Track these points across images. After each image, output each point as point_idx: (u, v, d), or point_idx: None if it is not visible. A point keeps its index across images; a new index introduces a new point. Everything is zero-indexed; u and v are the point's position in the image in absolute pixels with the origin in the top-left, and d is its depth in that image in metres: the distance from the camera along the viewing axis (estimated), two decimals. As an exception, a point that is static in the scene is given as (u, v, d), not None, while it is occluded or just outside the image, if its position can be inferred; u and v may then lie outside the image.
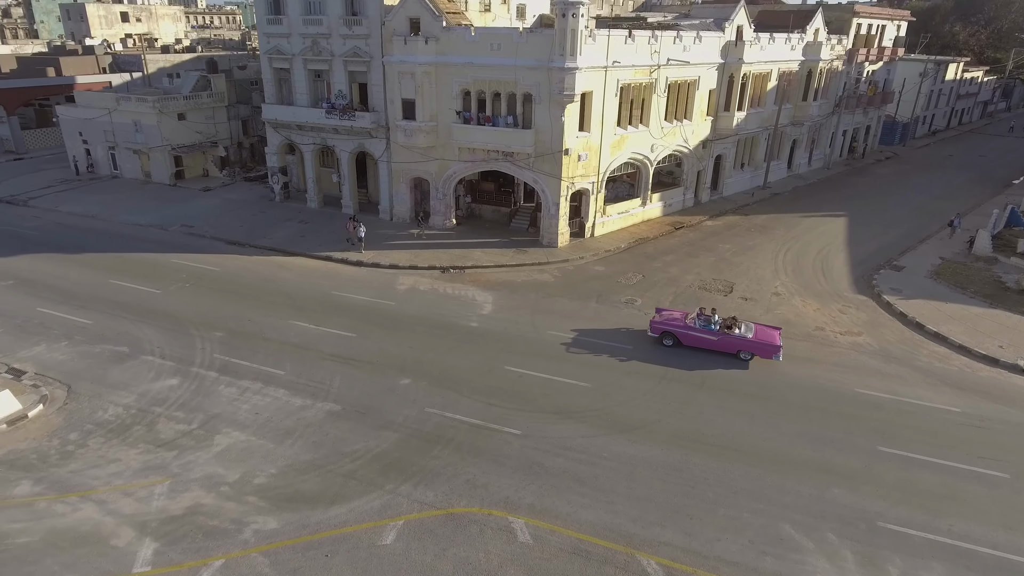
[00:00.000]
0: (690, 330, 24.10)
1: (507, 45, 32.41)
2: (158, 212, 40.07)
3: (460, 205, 39.17)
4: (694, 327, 24.07)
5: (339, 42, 36.07)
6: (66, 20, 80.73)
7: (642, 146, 37.50)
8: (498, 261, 33.14)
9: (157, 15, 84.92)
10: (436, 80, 34.29)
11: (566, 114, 32.34)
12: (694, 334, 24.01)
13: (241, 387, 21.89)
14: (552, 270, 32.44)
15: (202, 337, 25.07)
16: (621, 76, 34.48)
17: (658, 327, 24.62)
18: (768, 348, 23.08)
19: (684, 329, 24.21)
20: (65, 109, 48.14)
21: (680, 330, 24.25)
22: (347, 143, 38.19)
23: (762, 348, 23.17)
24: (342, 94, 37.17)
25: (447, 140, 35.15)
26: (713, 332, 23.76)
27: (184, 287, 29.48)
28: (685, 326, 24.27)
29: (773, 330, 24.18)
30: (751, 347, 23.30)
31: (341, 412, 20.57)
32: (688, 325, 24.24)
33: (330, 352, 24.10)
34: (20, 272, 30.85)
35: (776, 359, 23.15)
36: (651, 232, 37.85)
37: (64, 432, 19.67)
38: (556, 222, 34.77)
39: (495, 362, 23.59)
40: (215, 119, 47.30)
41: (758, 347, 23.21)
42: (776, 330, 24.24)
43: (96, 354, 23.83)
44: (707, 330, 23.86)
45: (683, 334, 24.19)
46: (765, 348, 23.12)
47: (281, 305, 27.86)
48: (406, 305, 28.09)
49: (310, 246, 34.67)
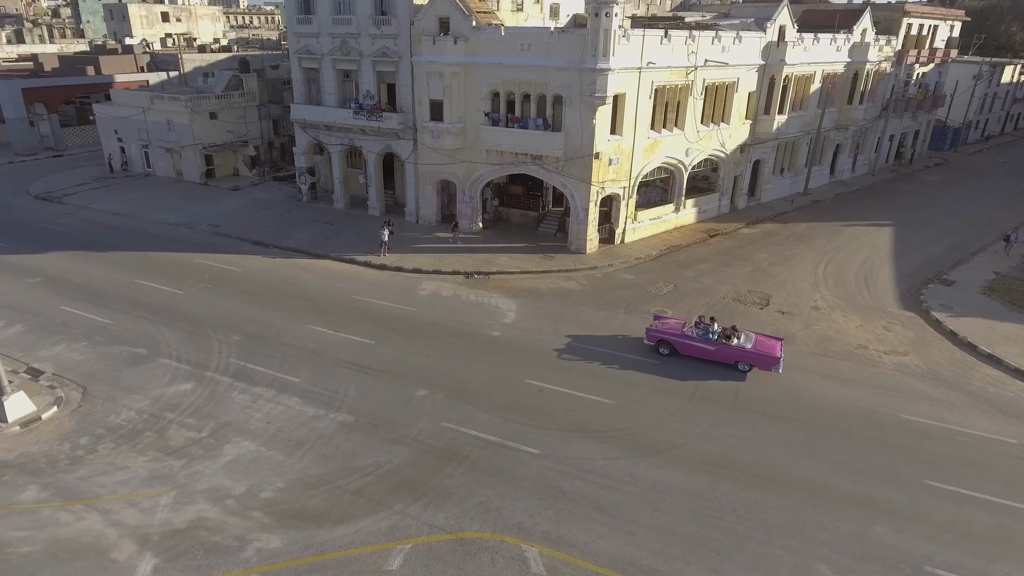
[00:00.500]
0: (687, 339, 23.17)
1: (538, 45, 31.47)
2: (187, 211, 40.17)
3: (487, 208, 38.37)
4: (691, 336, 23.14)
5: (368, 42, 35.58)
6: (109, 20, 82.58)
7: (676, 150, 36.17)
8: (524, 267, 32.21)
9: (196, 15, 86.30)
10: (465, 81, 33.53)
11: (597, 117, 31.25)
12: (691, 343, 23.08)
13: (254, 394, 21.38)
14: (579, 278, 31.37)
15: (220, 340, 24.70)
16: (656, 78, 33.23)
17: (654, 335, 23.75)
18: (767, 360, 22.06)
19: (681, 338, 23.27)
20: (102, 107, 48.81)
21: (677, 339, 23.32)
22: (374, 144, 37.70)
23: (760, 359, 22.15)
24: (370, 94, 36.69)
25: (475, 142, 34.37)
26: (710, 342, 22.80)
27: (206, 288, 29.24)
28: (682, 335, 23.34)
29: (774, 341, 23.13)
30: (749, 358, 22.30)
31: (354, 424, 19.89)
32: (685, 334, 23.31)
33: (347, 359, 23.47)
34: (48, 270, 31.03)
35: (775, 371, 22.11)
36: (684, 239, 36.48)
37: (76, 436, 19.39)
38: (585, 228, 33.69)
39: (515, 375, 22.66)
40: (246, 118, 47.39)
41: (756, 358, 22.20)
42: (777, 341, 23.20)
43: (114, 355, 23.63)
44: (704, 339, 22.88)
45: (680, 343, 23.27)
46: (763, 359, 22.10)
47: (301, 309, 27.39)
48: (427, 311, 27.35)
49: (334, 248, 34.24)
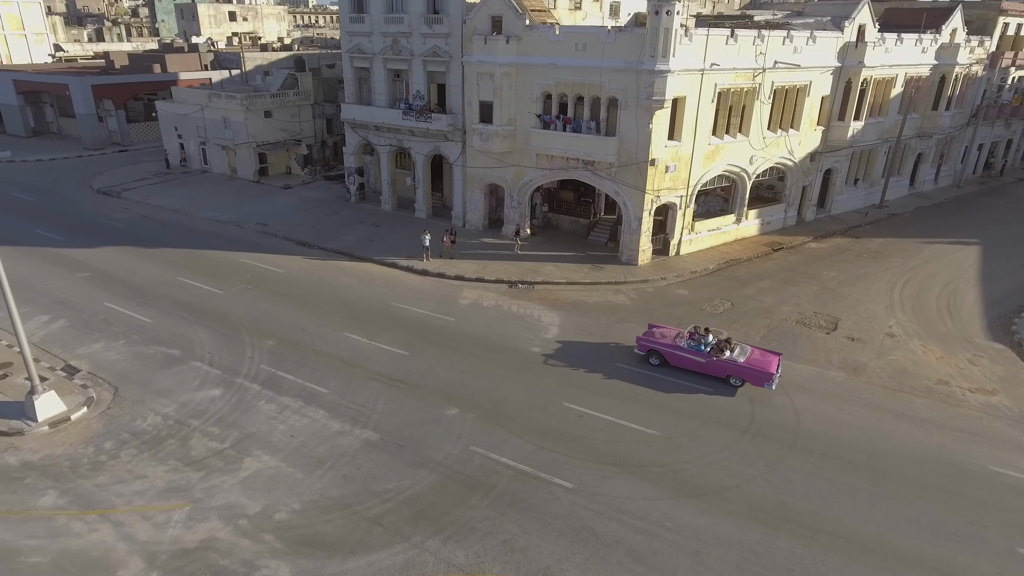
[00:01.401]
0: (677, 350, 22.20)
1: (593, 45, 29.87)
2: (237, 209, 40.33)
3: (536, 214, 36.99)
4: (682, 347, 22.14)
5: (419, 41, 34.73)
6: (179, 19, 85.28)
7: (740, 158, 33.88)
8: (570, 277, 30.66)
9: (262, 14, 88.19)
10: (516, 82, 32.24)
11: (654, 121, 29.40)
12: (681, 354, 22.13)
13: (281, 404, 20.64)
14: (629, 291, 29.61)
15: (253, 345, 24.17)
16: (720, 80, 31.10)
17: (645, 345, 22.78)
18: (759, 375, 20.90)
19: (671, 348, 22.31)
20: (164, 104, 49.86)
21: (667, 349, 22.38)
22: (423, 145, 36.87)
23: (753, 375, 21.03)
24: (420, 95, 35.85)
25: (524, 146, 33.03)
26: (701, 354, 21.79)
27: (246, 289, 28.91)
28: (672, 345, 22.35)
29: (771, 356, 21.81)
30: (741, 372, 21.23)
31: (379, 443, 18.84)
32: (676, 344, 22.32)
33: (378, 371, 22.51)
34: (99, 264, 31.41)
35: (768, 387, 20.93)
36: (745, 253, 34.15)
37: (100, 439, 19.04)
38: (637, 238, 31.86)
39: (553, 396, 21.19)
40: (300, 117, 47.48)
41: (748, 373, 21.08)
42: (775, 356, 21.85)
43: (148, 356, 23.39)
44: (695, 351, 21.90)
45: (670, 354, 22.34)
46: (756, 375, 20.96)
47: (337, 314, 26.66)
48: (466, 322, 26.18)
49: (377, 251, 33.52)
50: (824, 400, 21.37)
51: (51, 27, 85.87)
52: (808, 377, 22.69)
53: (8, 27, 73.60)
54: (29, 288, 28.61)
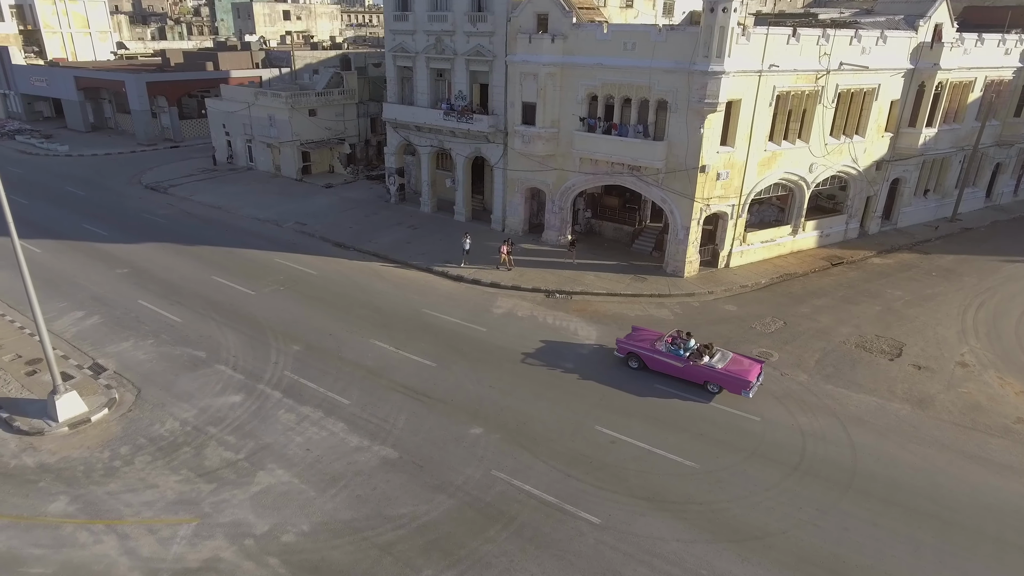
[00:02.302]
0: (656, 353, 21.79)
1: (643, 44, 28.30)
2: (278, 207, 40.21)
3: (578, 220, 35.58)
4: (660, 351, 21.74)
5: (463, 40, 33.77)
6: (236, 18, 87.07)
7: (798, 165, 31.71)
8: (611, 288, 29.15)
9: (316, 13, 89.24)
10: (560, 82, 30.92)
11: (706, 125, 27.64)
12: (659, 358, 21.71)
13: (301, 414, 19.88)
14: (673, 305, 27.93)
15: (278, 349, 23.57)
16: (779, 82, 29.09)
17: (624, 347, 22.48)
18: (736, 383, 20.41)
19: (650, 352, 21.91)
20: (212, 102, 50.41)
21: (646, 352, 21.99)
22: (463, 147, 35.91)
23: (730, 382, 20.55)
24: (462, 95, 34.90)
25: (567, 149, 31.68)
26: (679, 358, 21.33)
27: (278, 290, 28.45)
28: (651, 348, 21.96)
29: (752, 363, 21.25)
30: (718, 379, 20.74)
31: (397, 461, 17.84)
32: (654, 348, 21.93)
33: (403, 383, 21.56)
34: (138, 260, 31.53)
35: (745, 395, 20.38)
36: (800, 267, 31.95)
37: (117, 443, 18.63)
38: (684, 248, 30.11)
39: (585, 419, 19.81)
40: (344, 116, 47.24)
41: (725, 380, 20.61)
42: (756, 364, 21.32)
43: (175, 357, 23.03)
44: (673, 355, 21.46)
45: (648, 357, 21.94)
46: (733, 382, 20.48)
47: (367, 320, 25.88)
48: (498, 333, 25.01)
49: (413, 254, 32.70)
50: (885, 436, 19.36)
51: (116, 25, 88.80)
52: (868, 409, 20.67)
53: (74, 25, 76.34)
54: (69, 282, 28.88)
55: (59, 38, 75.39)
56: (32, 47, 74.27)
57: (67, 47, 75.85)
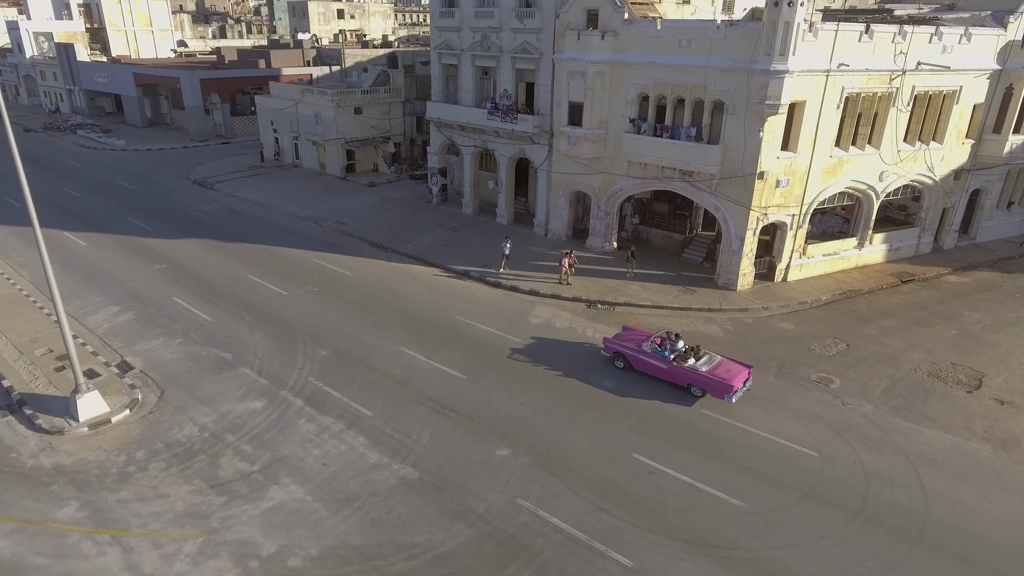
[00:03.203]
0: (641, 354, 21.29)
1: (699, 42, 26.51)
2: (319, 205, 39.85)
3: (625, 226, 33.90)
4: (645, 351, 21.23)
5: (509, 36, 32.55)
6: (291, 16, 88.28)
7: (867, 173, 29.29)
8: (658, 300, 27.43)
9: (369, 12, 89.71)
10: (610, 82, 29.35)
11: (766, 128, 25.66)
12: (644, 359, 21.24)
13: (321, 425, 18.97)
14: (724, 320, 26.02)
15: (305, 354, 22.80)
16: (848, 83, 26.84)
17: (611, 347, 22.14)
18: (720, 387, 19.82)
19: (635, 352, 21.43)
20: (262, 99, 50.66)
21: (631, 352, 21.52)
22: (507, 148, 34.70)
23: (713, 385, 19.98)
24: (507, 94, 33.68)
25: (615, 152, 30.07)
26: (663, 359, 20.83)
27: (311, 291, 27.80)
28: (637, 348, 21.46)
29: (740, 368, 20.52)
30: (701, 382, 20.20)
31: (416, 483, 16.70)
32: (640, 348, 21.41)
33: (430, 395, 20.44)
34: (177, 256, 31.45)
35: (728, 399, 19.78)
36: (866, 283, 29.50)
37: (134, 447, 18.09)
38: (738, 260, 28.13)
39: (622, 445, 18.26)
40: (390, 114, 46.69)
41: (708, 383, 20.06)
42: (744, 369, 20.55)
43: (201, 357, 22.52)
44: (657, 356, 20.96)
45: (634, 357, 21.49)
46: (716, 386, 19.90)
47: (398, 326, 24.90)
48: (534, 346, 23.65)
49: (451, 257, 31.65)
50: (962, 481, 17.17)
51: (178, 24, 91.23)
52: (942, 448, 18.46)
53: (138, 23, 78.64)
54: (109, 277, 28.93)
55: (123, 36, 77.82)
56: (97, 45, 76.86)
57: (130, 45, 78.23)
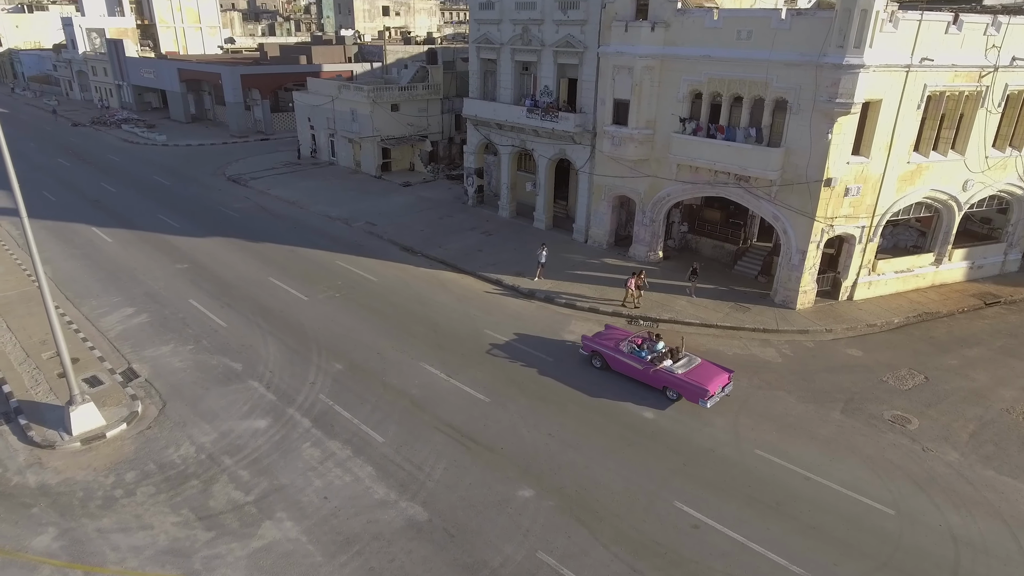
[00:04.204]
0: (618, 354, 20.51)
1: (761, 33, 23.90)
2: (351, 205, 38.42)
3: (672, 234, 31.35)
4: (622, 351, 20.45)
5: (551, 29, 30.38)
6: (337, 13, 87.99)
7: (949, 182, 26.12)
8: (707, 318, 24.87)
9: (414, 9, 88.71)
10: (659, 77, 26.92)
11: (835, 130, 22.87)
12: (621, 359, 20.47)
13: (327, 451, 17.18)
14: (781, 343, 23.31)
15: (319, 367, 21.11)
16: (931, 80, 23.83)
17: (589, 346, 21.37)
18: (694, 390, 18.90)
19: (613, 352, 20.66)
20: (300, 95, 49.70)
21: (608, 352, 20.76)
22: (547, 148, 32.54)
23: (687, 389, 19.08)
24: (548, 90, 31.52)
25: (663, 154, 27.61)
26: (640, 360, 20.03)
27: (332, 297, 26.20)
28: (614, 348, 20.68)
29: (719, 373, 19.52)
30: (677, 385, 19.34)
31: (425, 526, 14.71)
32: (617, 348, 20.63)
33: (448, 420, 18.46)
34: (200, 256, 30.34)
35: (702, 404, 18.79)
36: (944, 305, 26.30)
37: (125, 467, 16.63)
38: (799, 275, 25.34)
39: (663, 490, 15.92)
40: (428, 112, 45.05)
41: (684, 387, 19.18)
42: (724, 373, 19.58)
43: (210, 367, 21.06)
44: (634, 356, 20.18)
45: (611, 357, 20.73)
46: (691, 390, 19.00)
47: (421, 338, 23.03)
48: (567, 366, 21.43)
49: (483, 264, 29.67)
50: (1078, 556, 14.26)
51: (228, 22, 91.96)
52: (1048, 511, 15.53)
53: (187, 20, 79.36)
54: (129, 276, 27.96)
55: (172, 32, 78.64)
56: (147, 41, 77.81)
57: (179, 41, 78.99)
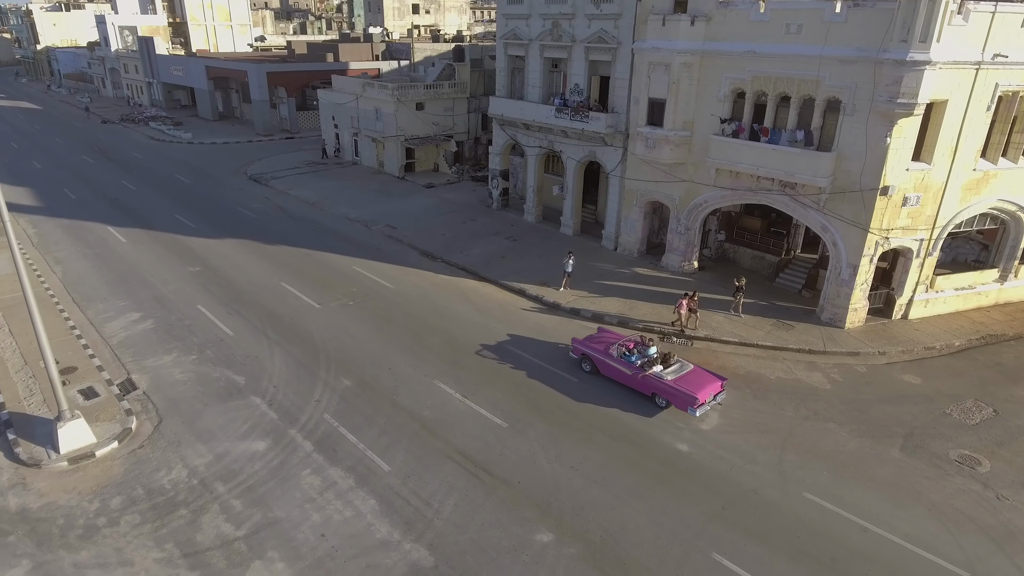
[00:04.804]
0: (608, 358, 19.78)
1: (813, 26, 21.84)
2: (372, 207, 37.13)
3: (708, 243, 29.37)
4: (612, 355, 19.72)
5: (583, 24, 28.64)
6: (367, 12, 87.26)
7: (1019, 191, 23.74)
8: (746, 336, 22.89)
9: (444, 7, 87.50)
10: (698, 75, 25.01)
11: (895, 133, 20.73)
12: (610, 363, 19.72)
13: (327, 479, 15.73)
14: (830, 367, 21.23)
15: (326, 383, 19.72)
16: (1004, 80, 21.53)
17: (579, 348, 20.60)
18: (683, 398, 18.16)
19: (602, 356, 19.91)
20: (324, 93, 48.68)
21: (598, 355, 20.01)
22: (576, 149, 30.79)
23: (677, 396, 18.32)
24: (578, 89, 29.78)
25: (701, 157, 25.68)
26: (630, 365, 19.30)
27: (346, 305, 24.84)
28: (604, 352, 19.93)
29: (710, 381, 18.71)
30: (665, 392, 18.57)
31: (430, 573, 13.13)
32: (607, 352, 19.89)
33: (461, 448, 16.87)
34: (213, 258, 29.29)
35: (691, 413, 18.01)
36: (1011, 326, 23.89)
37: (112, 492, 15.39)
38: (849, 291, 23.21)
39: (700, 539, 14.09)
40: (454, 111, 43.59)
41: (672, 394, 18.43)
42: (716, 381, 18.77)
43: (211, 380, 19.81)
44: (624, 361, 19.45)
45: (600, 361, 20.00)
46: (680, 397, 18.24)
47: (437, 353, 21.50)
48: (594, 387, 19.69)
49: (506, 272, 28.06)
50: None
51: (260, 20, 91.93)
52: None
53: (217, 18, 79.35)
54: (139, 279, 27.02)
55: (203, 30, 78.67)
56: (179, 39, 77.96)
57: (209, 39, 79.01)
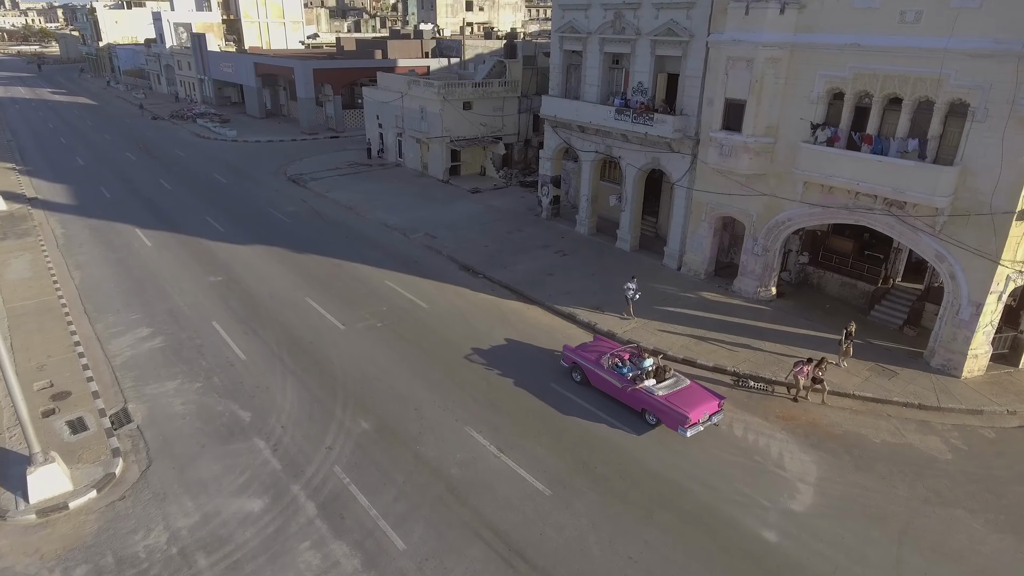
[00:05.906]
0: (598, 368, 18.25)
1: (935, 14, 18.00)
2: (412, 213, 34.53)
3: (788, 265, 25.59)
4: (602, 366, 18.18)
5: (649, 15, 25.25)
6: (420, 9, 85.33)
7: None
8: (839, 383, 19.10)
9: (499, 4, 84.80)
10: (786, 71, 21.37)
11: (1043, 144, 16.73)
12: (601, 375, 18.18)
13: (329, 558, 12.92)
14: (947, 428, 17.34)
15: (341, 425, 17.00)
16: None
17: (570, 357, 19.23)
18: (674, 416, 16.21)
19: (593, 366, 18.42)
20: (369, 91, 46.47)
21: (588, 366, 18.55)
22: (637, 156, 27.40)
23: (667, 414, 16.42)
24: (642, 88, 26.40)
25: (786, 168, 22.00)
26: (621, 377, 17.68)
27: (373, 327, 22.16)
28: (595, 362, 18.42)
29: (709, 399, 16.77)
30: (655, 408, 16.73)
31: None
32: (598, 362, 18.34)
33: (492, 522, 13.83)
34: (236, 267, 27.12)
35: (681, 432, 15.99)
36: None
37: (77, 558, 12.98)
38: (969, 334, 19.19)
39: None
40: (504, 111, 40.65)
41: (662, 410, 16.54)
42: (714, 399, 16.83)
43: (214, 415, 17.35)
44: (615, 373, 17.87)
45: (590, 371, 18.51)
46: (670, 415, 16.32)
47: (471, 391, 18.56)
48: (656, 451, 16.35)
49: (554, 292, 24.93)
50: None
51: (315, 18, 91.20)
52: None
53: (271, 15, 78.68)
54: (156, 288, 25.03)
55: (256, 28, 78.10)
56: (232, 36, 77.61)
57: (262, 36, 78.41)
